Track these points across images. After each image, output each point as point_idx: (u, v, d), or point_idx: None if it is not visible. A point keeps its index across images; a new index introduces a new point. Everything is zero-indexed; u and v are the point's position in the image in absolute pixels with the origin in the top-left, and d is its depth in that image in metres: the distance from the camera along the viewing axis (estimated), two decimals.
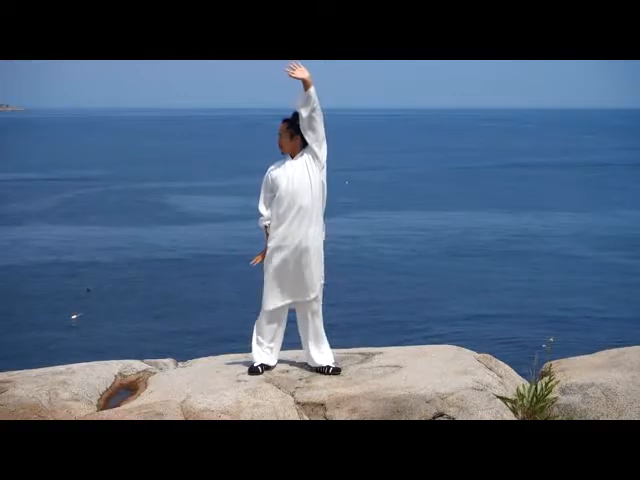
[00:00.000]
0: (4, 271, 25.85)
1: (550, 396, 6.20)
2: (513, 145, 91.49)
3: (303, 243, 6.48)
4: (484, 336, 18.59)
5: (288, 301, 6.59)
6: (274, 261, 6.54)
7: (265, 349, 6.66)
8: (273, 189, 6.58)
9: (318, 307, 6.63)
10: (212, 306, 21.67)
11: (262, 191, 6.68)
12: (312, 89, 6.30)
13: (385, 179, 54.32)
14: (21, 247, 29.94)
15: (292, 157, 6.57)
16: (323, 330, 6.68)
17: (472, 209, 39.30)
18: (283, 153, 6.62)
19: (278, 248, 6.51)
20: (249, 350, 6.77)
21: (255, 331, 6.69)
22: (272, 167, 6.65)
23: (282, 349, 6.84)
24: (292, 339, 6.89)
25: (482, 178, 55.00)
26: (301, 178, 6.46)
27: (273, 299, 6.56)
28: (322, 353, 6.62)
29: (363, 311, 20.86)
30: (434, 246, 30.17)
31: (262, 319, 6.64)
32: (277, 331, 6.67)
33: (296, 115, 6.49)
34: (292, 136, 6.54)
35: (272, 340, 6.67)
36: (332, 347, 6.74)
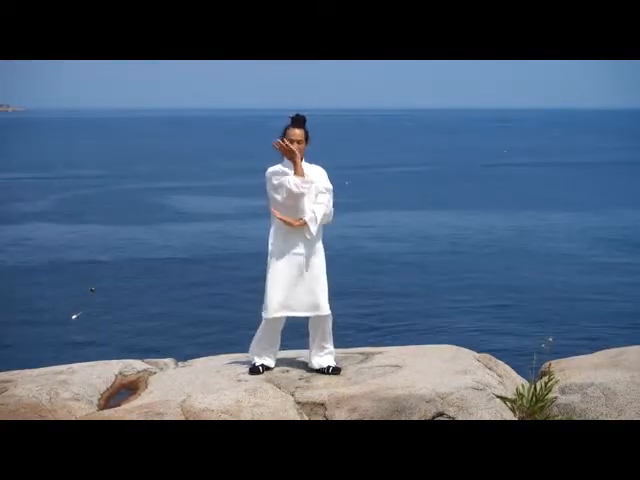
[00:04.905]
0: (4, 270, 25.86)
1: (549, 396, 6.20)
2: (513, 145, 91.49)
3: (310, 249, 6.46)
4: (484, 336, 18.61)
5: (297, 314, 6.48)
6: (280, 267, 6.44)
7: (267, 352, 6.64)
8: (279, 193, 6.41)
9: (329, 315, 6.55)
10: (212, 305, 21.68)
11: (272, 195, 6.43)
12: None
13: (384, 179, 54.32)
14: (21, 247, 29.94)
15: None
16: (330, 333, 6.61)
17: (471, 208, 39.31)
18: (291, 159, 6.36)
19: (284, 254, 6.43)
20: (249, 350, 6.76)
21: (257, 334, 6.64)
22: (274, 173, 6.43)
23: (282, 349, 6.83)
24: (292, 339, 6.88)
25: (481, 178, 55.01)
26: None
27: (279, 307, 6.45)
28: (322, 357, 6.59)
29: (362, 311, 20.86)
30: (433, 245, 30.17)
31: (265, 324, 6.55)
32: (278, 334, 6.65)
33: (304, 118, 6.41)
34: (306, 144, 6.44)
35: (273, 344, 6.66)
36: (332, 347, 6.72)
